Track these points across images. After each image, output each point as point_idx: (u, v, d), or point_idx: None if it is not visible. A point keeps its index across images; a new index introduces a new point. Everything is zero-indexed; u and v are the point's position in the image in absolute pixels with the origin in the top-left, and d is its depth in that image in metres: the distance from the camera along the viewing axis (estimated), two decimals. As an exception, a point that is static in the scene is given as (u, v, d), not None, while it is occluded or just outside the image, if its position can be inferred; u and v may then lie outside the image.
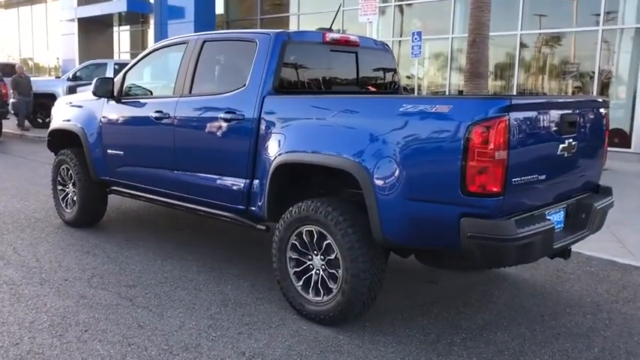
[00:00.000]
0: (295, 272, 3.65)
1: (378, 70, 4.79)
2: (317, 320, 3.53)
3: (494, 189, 2.86)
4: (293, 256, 3.65)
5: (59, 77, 19.00)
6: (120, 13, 23.73)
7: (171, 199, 4.68)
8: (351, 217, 3.36)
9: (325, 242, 3.44)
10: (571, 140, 3.36)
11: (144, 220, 6.13)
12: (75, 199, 5.56)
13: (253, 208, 4.00)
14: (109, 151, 5.15)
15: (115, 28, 26.75)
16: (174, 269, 4.49)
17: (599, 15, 12.73)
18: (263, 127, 3.86)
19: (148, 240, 5.25)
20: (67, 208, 5.70)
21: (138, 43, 27.49)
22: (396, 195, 3.10)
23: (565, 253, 3.56)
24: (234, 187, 4.07)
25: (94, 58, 18.69)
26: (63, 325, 3.42)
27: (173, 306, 3.78)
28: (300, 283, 3.62)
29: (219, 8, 21.53)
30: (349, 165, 3.25)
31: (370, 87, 4.72)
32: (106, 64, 16.81)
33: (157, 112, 4.61)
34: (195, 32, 19.28)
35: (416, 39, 13.87)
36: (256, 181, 3.95)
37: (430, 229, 3.08)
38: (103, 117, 5.18)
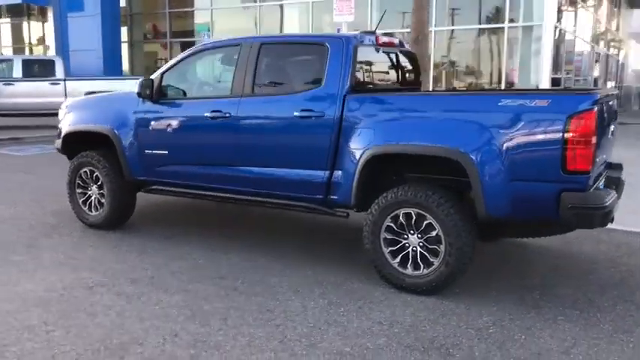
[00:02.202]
0: (391, 251, 4.11)
1: (410, 67, 5.33)
2: (417, 292, 4.02)
3: (587, 167, 3.54)
4: (388, 237, 4.10)
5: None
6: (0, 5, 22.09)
7: (233, 194, 4.90)
8: (450, 199, 3.90)
9: (425, 222, 3.94)
10: (612, 124, 4.14)
11: (165, 216, 6.19)
12: (102, 201, 5.53)
13: (334, 197, 4.38)
14: (147, 151, 5.22)
15: (-5, 21, 24.76)
16: (243, 260, 4.73)
17: (504, 14, 14.23)
18: (346, 123, 4.25)
19: (190, 235, 5.40)
20: (91, 210, 5.64)
21: (21, 37, 25.66)
22: (500, 178, 3.68)
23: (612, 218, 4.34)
24: (314, 179, 4.42)
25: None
26: (199, 316, 3.62)
27: (279, 291, 4.08)
28: (397, 260, 4.09)
29: (121, 1, 20.80)
30: (457, 154, 3.75)
31: (410, 82, 5.25)
32: (11, 60, 15.73)
33: (213, 111, 4.79)
34: (102, 26, 18.67)
35: (341, 34, 14.50)
36: (338, 172, 4.33)
37: (531, 204, 3.69)
38: (139, 117, 5.23)
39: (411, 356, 3.16)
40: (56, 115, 17.08)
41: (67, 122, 5.78)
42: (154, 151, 5.19)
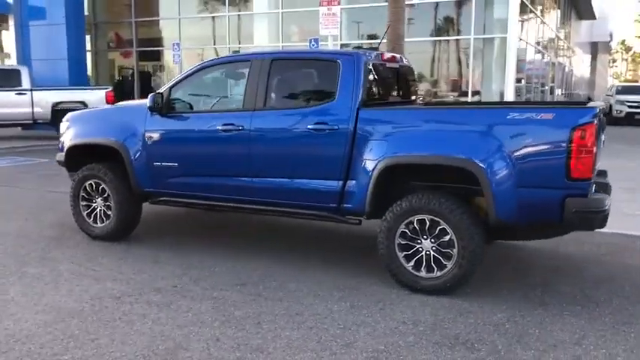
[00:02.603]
0: (405, 255, 4.37)
1: (409, 81, 5.63)
2: (430, 292, 4.29)
3: (589, 175, 3.90)
4: (402, 242, 4.36)
5: None
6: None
7: (243, 204, 5.08)
8: (461, 206, 4.19)
9: (439, 227, 4.22)
10: (603, 135, 4.53)
11: (164, 226, 6.29)
12: (109, 213, 5.61)
13: (348, 205, 4.62)
14: (157, 163, 5.34)
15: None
16: (257, 268, 4.88)
17: (470, 26, 14.81)
18: (359, 135, 4.50)
19: (196, 245, 5.54)
20: (96, 222, 5.70)
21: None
22: (509, 185, 4.00)
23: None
24: (328, 188, 4.65)
25: None
26: (233, 321, 3.78)
27: (300, 295, 4.28)
28: (411, 263, 4.35)
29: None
30: (470, 164, 4.05)
31: (410, 94, 5.55)
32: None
33: (225, 124, 4.97)
34: (67, 35, 18.36)
35: (313, 45, 14.82)
36: (352, 182, 4.57)
37: (537, 209, 4.02)
38: (148, 130, 5.34)
39: (441, 352, 3.42)
40: (22, 125, 16.84)
41: (70, 135, 5.82)
42: (163, 164, 5.32)
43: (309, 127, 4.66)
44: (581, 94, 38.20)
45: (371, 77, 4.82)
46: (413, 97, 5.69)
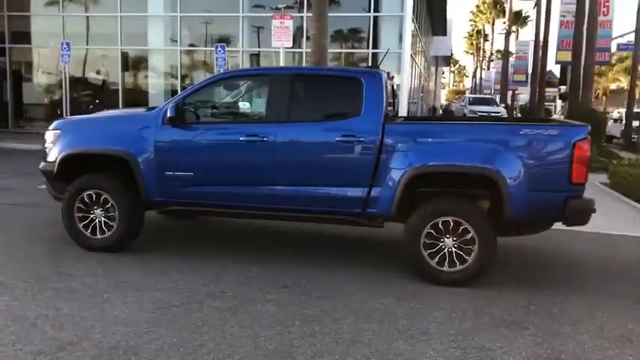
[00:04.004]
0: (429, 253, 4.96)
1: (397, 97, 6.25)
2: (451, 284, 4.91)
3: (585, 180, 4.80)
4: (427, 242, 4.95)
5: None
6: None
7: (264, 210, 5.34)
8: (480, 208, 4.89)
9: (461, 227, 4.87)
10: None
11: (152, 238, 6.23)
12: (111, 224, 5.49)
13: (373, 210, 5.10)
14: (169, 173, 5.37)
15: None
16: (287, 272, 5.12)
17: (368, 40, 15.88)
18: (387, 146, 5.00)
19: (203, 253, 5.65)
20: (94, 234, 5.54)
21: None
22: (521, 189, 4.76)
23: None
24: (353, 195, 5.08)
25: None
26: (310, 320, 4.09)
27: (350, 292, 4.67)
28: (435, 260, 4.95)
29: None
30: (490, 172, 4.75)
31: (397, 110, 6.16)
32: None
33: (248, 135, 5.19)
34: None
35: (220, 51, 14.91)
36: (377, 188, 5.05)
37: (543, 209, 4.84)
38: (160, 140, 5.36)
39: (501, 331, 4.06)
40: None
41: (63, 144, 5.58)
42: (176, 173, 5.36)
43: (336, 139, 5.07)
44: (429, 104, 41.70)
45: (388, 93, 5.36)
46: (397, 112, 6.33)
